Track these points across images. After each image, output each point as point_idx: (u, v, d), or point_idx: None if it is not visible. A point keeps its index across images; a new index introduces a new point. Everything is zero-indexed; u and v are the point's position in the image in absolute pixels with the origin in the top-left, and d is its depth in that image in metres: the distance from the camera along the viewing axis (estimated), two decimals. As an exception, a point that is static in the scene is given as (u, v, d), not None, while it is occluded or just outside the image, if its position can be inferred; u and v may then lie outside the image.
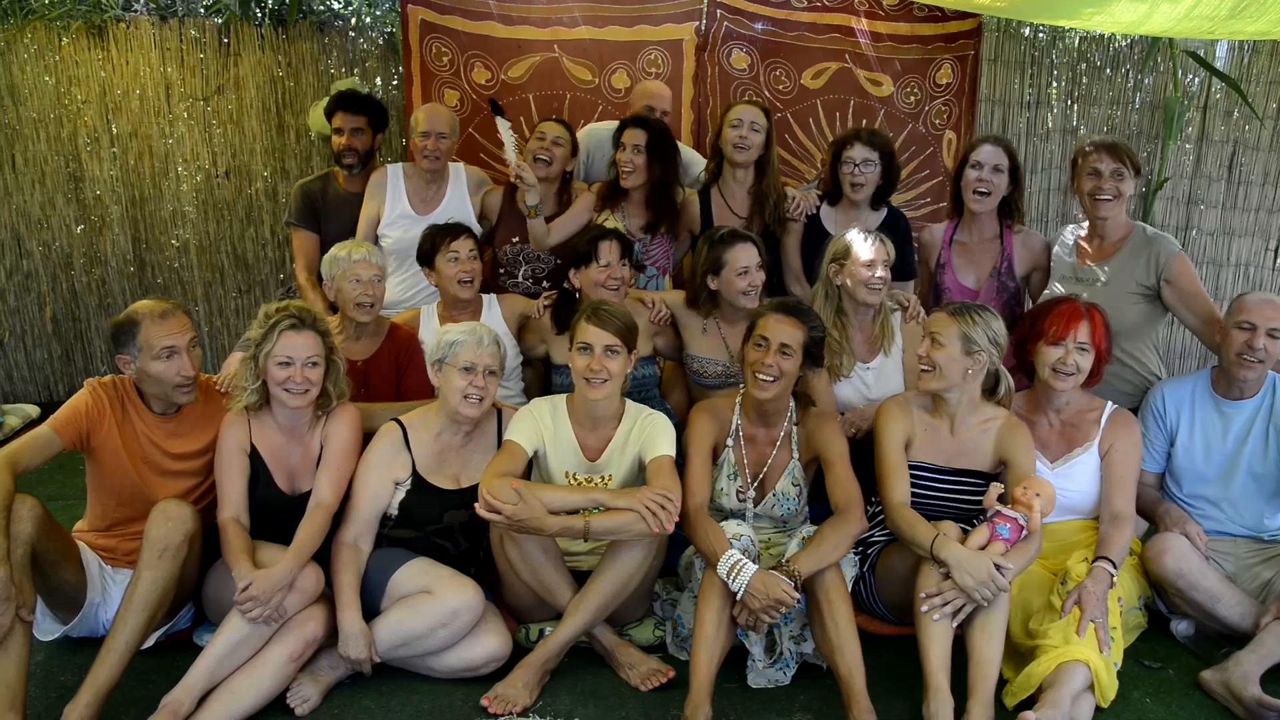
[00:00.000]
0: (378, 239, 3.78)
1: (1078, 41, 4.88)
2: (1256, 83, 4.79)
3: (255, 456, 2.66)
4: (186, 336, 2.63)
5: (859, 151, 3.46)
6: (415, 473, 2.72)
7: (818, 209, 3.64)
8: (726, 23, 4.52)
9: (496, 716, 2.43)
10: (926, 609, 2.40)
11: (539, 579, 2.62)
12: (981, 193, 3.35)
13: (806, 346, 2.71)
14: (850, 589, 2.56)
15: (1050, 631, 2.45)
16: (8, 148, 4.85)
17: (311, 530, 2.57)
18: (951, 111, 4.61)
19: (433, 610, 2.50)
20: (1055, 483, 2.77)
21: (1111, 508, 2.73)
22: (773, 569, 2.44)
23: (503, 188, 3.87)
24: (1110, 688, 2.41)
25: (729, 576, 2.43)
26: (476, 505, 2.48)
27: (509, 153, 3.58)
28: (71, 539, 2.62)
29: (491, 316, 3.35)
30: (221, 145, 4.92)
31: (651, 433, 2.71)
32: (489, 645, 2.56)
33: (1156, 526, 2.94)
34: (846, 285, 3.09)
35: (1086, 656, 2.36)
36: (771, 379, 2.68)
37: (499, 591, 2.78)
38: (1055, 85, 4.94)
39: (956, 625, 2.42)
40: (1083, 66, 4.88)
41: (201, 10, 4.93)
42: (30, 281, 5.05)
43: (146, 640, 2.60)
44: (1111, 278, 3.20)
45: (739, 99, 4.52)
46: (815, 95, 4.58)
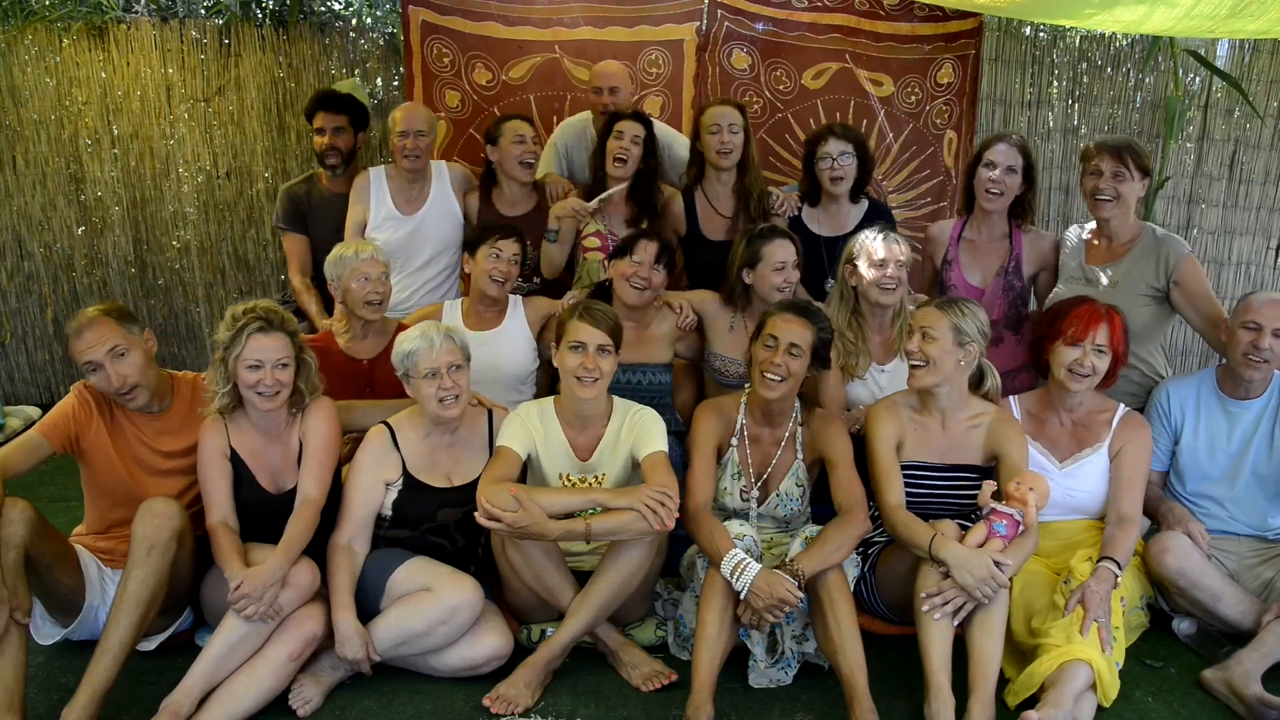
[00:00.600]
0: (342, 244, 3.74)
1: (1078, 41, 4.88)
2: (1257, 81, 4.78)
3: (236, 459, 2.65)
4: (104, 348, 2.53)
5: (834, 146, 3.46)
6: (406, 472, 2.71)
7: (799, 210, 3.64)
8: (727, 23, 4.51)
9: (498, 716, 2.43)
10: (927, 609, 2.40)
11: (541, 582, 2.62)
12: (994, 193, 3.30)
13: (815, 347, 2.70)
14: (852, 589, 2.56)
15: (1053, 630, 2.44)
16: (8, 149, 4.85)
17: (300, 526, 2.56)
18: (952, 111, 4.60)
19: (432, 608, 2.50)
20: (1063, 483, 2.78)
21: (1119, 510, 2.72)
22: (776, 568, 2.44)
23: (478, 190, 3.86)
24: (1112, 687, 2.41)
25: (733, 576, 2.42)
26: (477, 514, 2.47)
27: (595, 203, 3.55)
28: (67, 542, 2.62)
29: (516, 318, 3.34)
30: (222, 146, 4.91)
31: (642, 429, 2.70)
32: (490, 643, 2.56)
33: (1159, 524, 2.93)
34: (860, 285, 3.09)
35: (1089, 656, 2.35)
36: (779, 378, 2.67)
37: (500, 591, 2.78)
38: (1056, 85, 4.93)
39: (957, 624, 2.41)
40: (1083, 66, 4.87)
41: (202, 11, 4.92)
42: (31, 283, 5.05)
43: (148, 643, 2.62)
44: (1121, 279, 3.16)
45: (739, 99, 4.53)
46: (816, 95, 4.57)
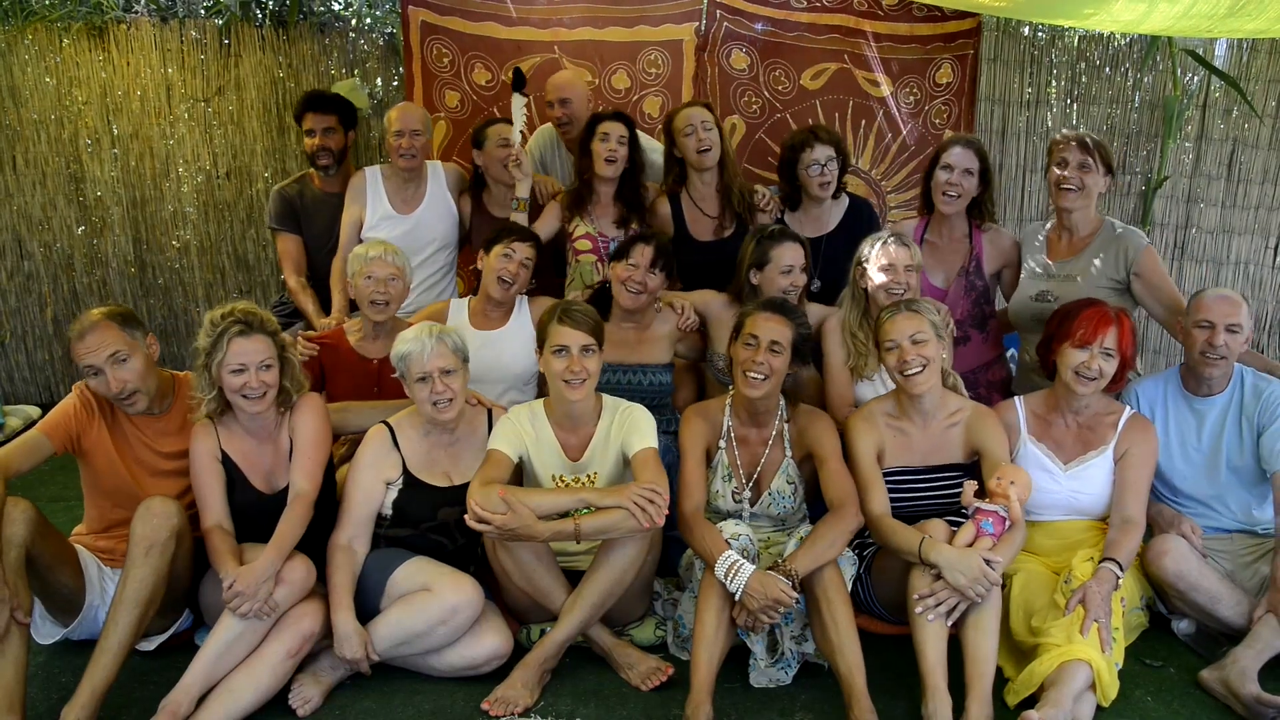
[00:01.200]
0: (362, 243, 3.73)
1: (1077, 41, 4.88)
2: (1256, 81, 4.78)
3: (228, 463, 2.65)
4: (105, 353, 2.54)
5: (821, 152, 3.45)
6: (406, 471, 2.72)
7: (782, 214, 3.64)
8: (726, 23, 4.51)
9: (499, 718, 2.44)
10: (920, 610, 2.41)
11: (532, 584, 2.62)
12: (951, 195, 3.35)
13: (795, 343, 2.72)
14: (849, 588, 2.56)
15: (1053, 630, 2.45)
16: (8, 149, 4.86)
17: (291, 522, 2.56)
18: (951, 111, 4.61)
19: (432, 607, 2.51)
20: (1068, 484, 2.79)
21: (1123, 512, 2.72)
22: (770, 569, 2.44)
23: (468, 192, 3.85)
24: (1112, 687, 2.42)
25: (726, 577, 2.43)
26: (467, 517, 2.47)
27: (514, 133, 3.53)
28: (68, 542, 2.62)
29: (521, 318, 3.34)
30: (222, 146, 4.92)
31: (631, 426, 2.70)
32: (490, 643, 2.57)
33: (1151, 529, 2.93)
34: (870, 289, 3.10)
35: (1089, 656, 2.35)
36: (762, 377, 2.69)
37: (499, 591, 2.78)
38: (1055, 84, 4.93)
39: (951, 624, 2.42)
40: (1082, 65, 4.87)
41: (202, 11, 4.92)
42: (31, 283, 5.05)
43: (148, 643, 2.63)
44: (1082, 273, 3.24)
45: (738, 99, 4.55)
46: (815, 95, 4.57)
